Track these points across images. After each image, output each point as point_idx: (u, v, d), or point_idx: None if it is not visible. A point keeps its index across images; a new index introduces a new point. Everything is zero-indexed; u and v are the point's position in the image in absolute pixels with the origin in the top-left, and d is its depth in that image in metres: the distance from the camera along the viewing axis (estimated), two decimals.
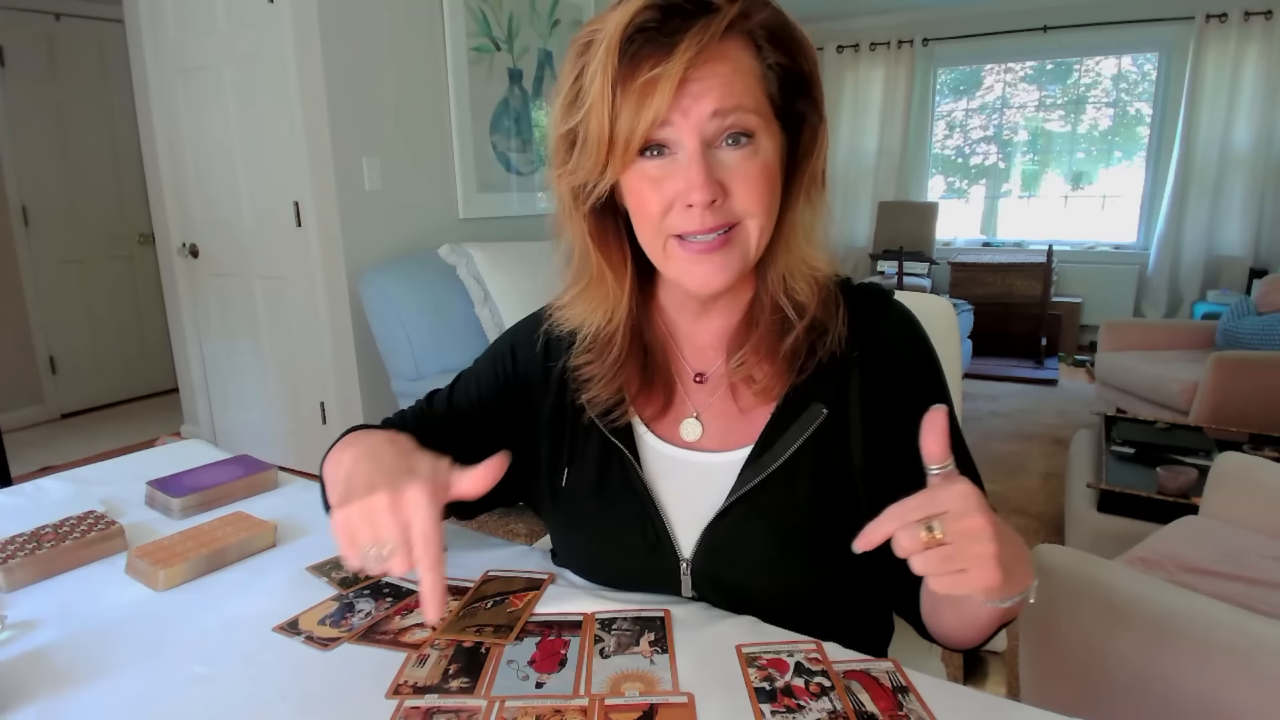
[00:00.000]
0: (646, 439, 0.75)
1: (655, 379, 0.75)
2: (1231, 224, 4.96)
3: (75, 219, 4.04)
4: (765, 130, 0.63)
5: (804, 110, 0.66)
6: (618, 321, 0.73)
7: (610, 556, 0.76)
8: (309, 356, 3.00)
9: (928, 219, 5.49)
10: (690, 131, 0.60)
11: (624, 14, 0.59)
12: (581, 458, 0.76)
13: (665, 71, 0.58)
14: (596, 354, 0.74)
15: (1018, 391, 4.32)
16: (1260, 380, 2.58)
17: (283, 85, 2.76)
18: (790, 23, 0.64)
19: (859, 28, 5.80)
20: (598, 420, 0.74)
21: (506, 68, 3.36)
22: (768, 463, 0.68)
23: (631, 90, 0.59)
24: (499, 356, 0.83)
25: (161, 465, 1.10)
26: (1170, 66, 5.08)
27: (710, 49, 0.59)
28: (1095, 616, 1.07)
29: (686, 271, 0.65)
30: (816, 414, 0.69)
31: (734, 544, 0.69)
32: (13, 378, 3.82)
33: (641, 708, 0.57)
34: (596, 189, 0.65)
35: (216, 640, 0.69)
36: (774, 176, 0.64)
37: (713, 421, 0.74)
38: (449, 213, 3.20)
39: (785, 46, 0.63)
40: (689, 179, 0.61)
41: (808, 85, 0.66)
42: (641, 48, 0.59)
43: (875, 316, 0.72)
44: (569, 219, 0.69)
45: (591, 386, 0.74)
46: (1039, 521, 2.59)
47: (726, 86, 0.60)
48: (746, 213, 0.63)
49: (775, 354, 0.70)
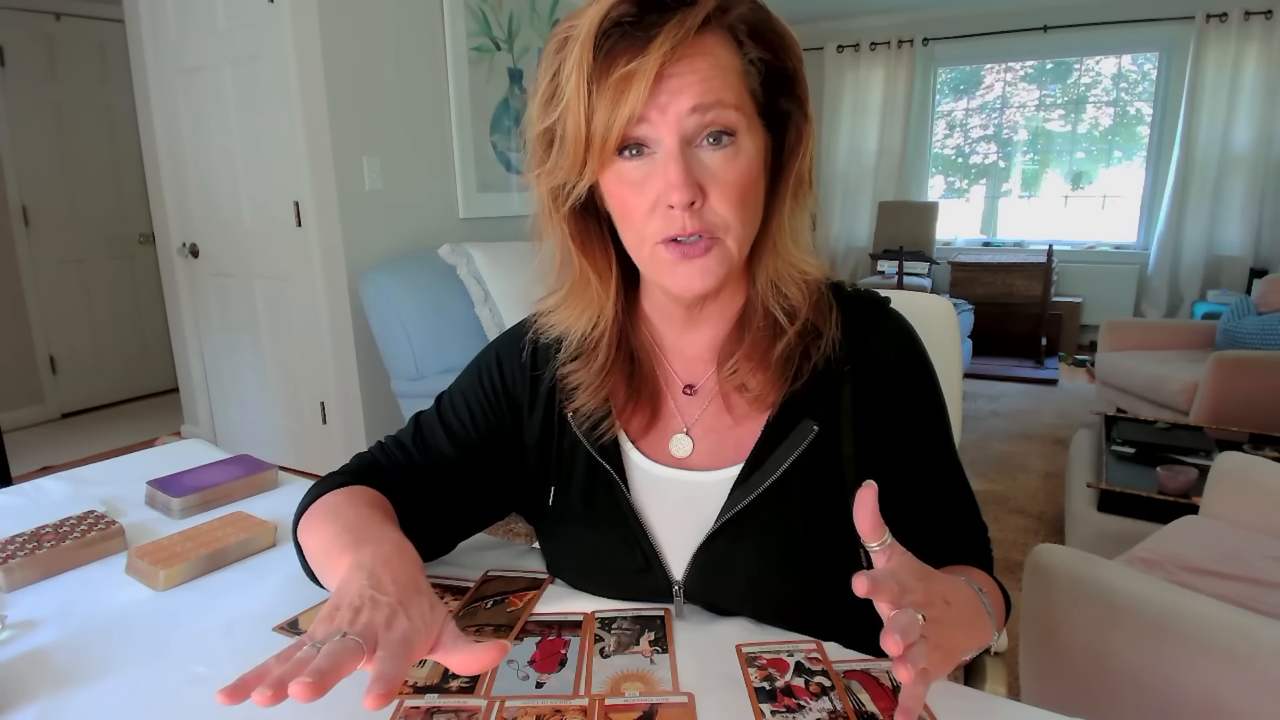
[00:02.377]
0: (634, 458, 0.73)
1: (642, 389, 0.73)
2: (1231, 224, 4.96)
3: (75, 219, 4.04)
4: (747, 129, 0.61)
5: (788, 108, 0.64)
6: (604, 326, 0.71)
7: (600, 578, 0.74)
8: (309, 356, 3.00)
9: (928, 219, 5.49)
10: (669, 129, 0.58)
11: (599, 9, 0.57)
12: (569, 478, 0.74)
13: (640, 67, 0.56)
14: (583, 361, 0.72)
15: (1018, 391, 4.32)
16: (1260, 380, 2.58)
17: (283, 85, 2.76)
18: (772, 17, 0.62)
19: (859, 28, 5.80)
20: (584, 437, 0.72)
21: (506, 68, 3.36)
22: (758, 482, 0.67)
23: (607, 86, 0.57)
24: (485, 369, 0.79)
25: (161, 465, 1.10)
26: (1170, 66, 5.08)
27: (688, 43, 0.57)
28: (1095, 616, 1.07)
29: (670, 274, 0.63)
30: (807, 431, 0.67)
31: (725, 565, 0.68)
32: (13, 378, 3.82)
33: (641, 708, 0.57)
34: (575, 189, 0.63)
35: (216, 640, 0.69)
36: (755, 180, 0.63)
37: (703, 437, 0.72)
38: (449, 213, 3.20)
39: (767, 41, 0.62)
40: (667, 178, 0.59)
41: (791, 82, 0.64)
42: (617, 43, 0.57)
43: (869, 327, 0.71)
44: (549, 220, 0.67)
45: (578, 395, 0.72)
46: (1039, 521, 2.59)
47: (705, 82, 0.58)
48: (724, 224, 0.61)
49: (768, 360, 0.68)
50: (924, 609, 0.48)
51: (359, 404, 2.91)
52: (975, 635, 0.57)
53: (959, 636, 0.53)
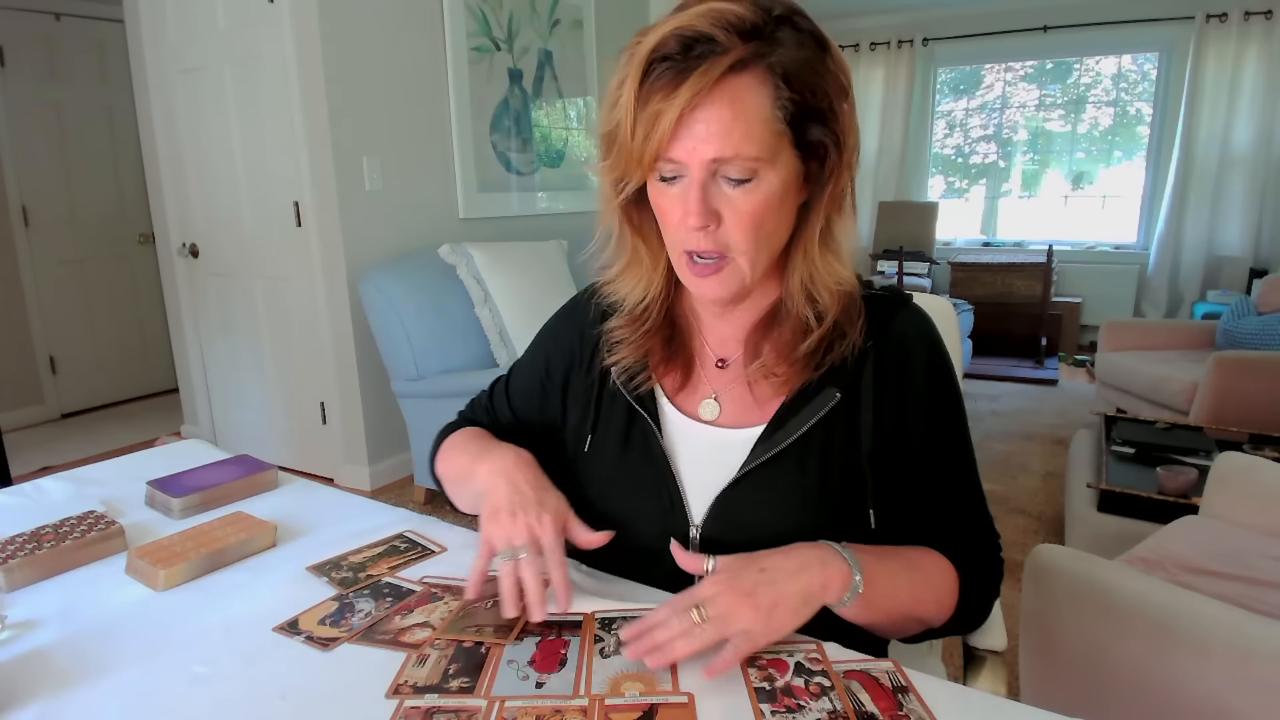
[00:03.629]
0: (667, 410, 0.79)
1: (678, 353, 0.80)
2: (1231, 224, 4.96)
3: (75, 219, 4.04)
4: (770, 165, 0.65)
5: (822, 139, 0.67)
6: (652, 297, 0.79)
7: (623, 517, 0.78)
8: (309, 356, 3.00)
9: (928, 219, 5.49)
10: (694, 163, 0.65)
11: (654, 38, 0.63)
12: (606, 425, 0.81)
13: (667, 108, 0.62)
14: (629, 320, 0.81)
15: (1018, 391, 4.32)
16: (1260, 380, 2.57)
17: (283, 85, 2.76)
18: (814, 60, 0.65)
19: (859, 28, 5.81)
20: (622, 387, 0.79)
21: (506, 68, 3.36)
22: (780, 439, 0.72)
23: (645, 115, 0.64)
24: (543, 339, 0.91)
25: (161, 465, 1.10)
26: (1170, 66, 5.08)
27: (717, 87, 0.62)
28: (1095, 616, 1.07)
29: (690, 281, 0.73)
30: (830, 397, 0.72)
31: (742, 514, 0.73)
32: (13, 378, 3.82)
33: (641, 708, 0.57)
34: (629, 186, 0.71)
35: (216, 640, 0.69)
36: (773, 208, 0.67)
37: (730, 404, 0.78)
38: (449, 213, 3.20)
39: (800, 84, 0.64)
40: (686, 204, 0.67)
41: (824, 118, 0.67)
42: (661, 75, 0.63)
43: (892, 312, 0.76)
44: (609, 205, 0.75)
45: (620, 349, 0.80)
46: (1039, 521, 2.59)
47: (726, 135, 0.63)
48: (736, 247, 0.68)
49: (793, 355, 0.73)
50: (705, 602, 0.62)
51: (359, 404, 2.91)
52: (809, 580, 0.64)
53: (780, 590, 0.63)
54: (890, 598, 0.68)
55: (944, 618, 0.74)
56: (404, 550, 0.86)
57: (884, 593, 0.67)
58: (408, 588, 0.77)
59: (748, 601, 0.62)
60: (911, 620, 0.72)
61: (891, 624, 0.71)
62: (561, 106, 3.69)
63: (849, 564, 0.66)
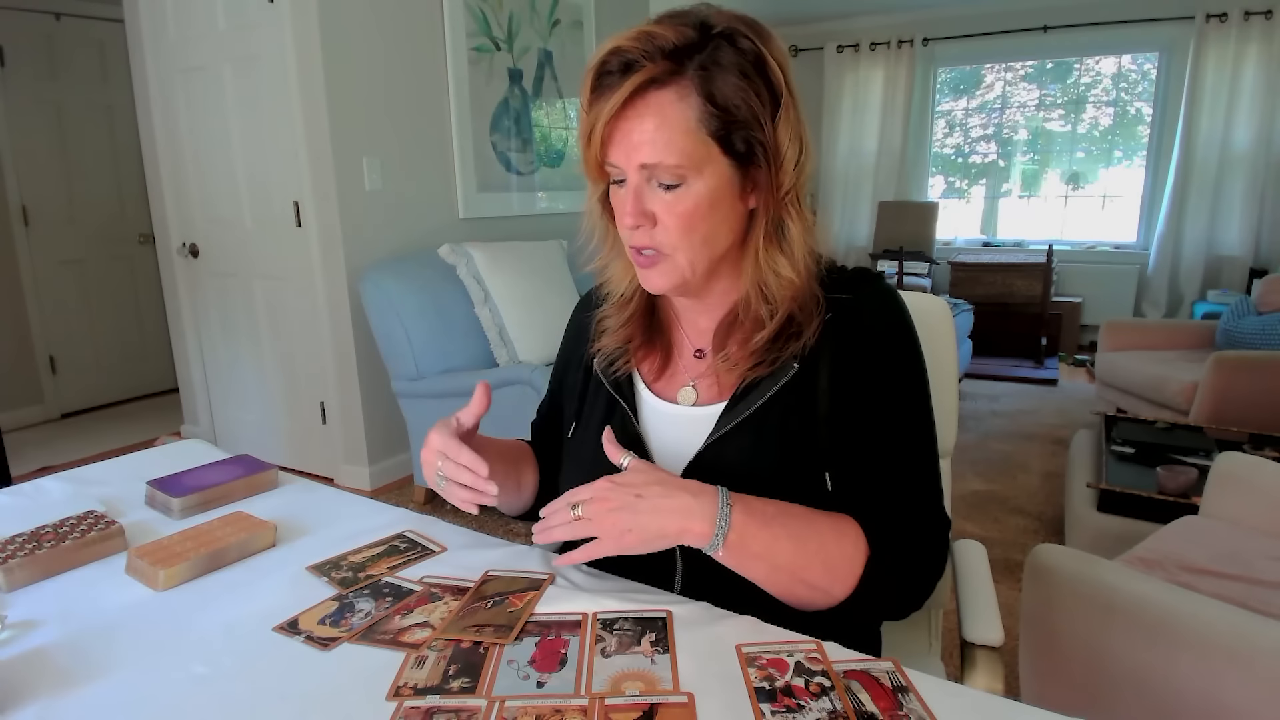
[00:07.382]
0: (645, 396, 0.85)
1: (657, 341, 0.86)
2: (1231, 224, 4.96)
3: (75, 219, 4.04)
4: (697, 172, 0.70)
5: (751, 150, 0.71)
6: (634, 285, 0.85)
7: None
8: (309, 356, 3.00)
9: (928, 219, 5.49)
10: (630, 169, 0.71)
11: (600, 52, 0.70)
12: (590, 413, 0.87)
13: (600, 116, 0.70)
14: (617, 309, 0.86)
15: (1018, 391, 4.32)
16: (1260, 380, 2.57)
17: (283, 85, 2.76)
18: (735, 77, 0.68)
19: (859, 28, 5.81)
20: (602, 375, 0.85)
21: (506, 68, 3.36)
22: (741, 410, 0.77)
23: (587, 122, 0.72)
24: (567, 330, 0.98)
25: (161, 465, 1.10)
26: (1170, 66, 5.08)
27: (641, 100, 0.69)
28: (1095, 616, 1.07)
29: (640, 274, 0.79)
30: (788, 369, 0.77)
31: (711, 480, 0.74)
32: (13, 378, 3.82)
33: (642, 707, 0.57)
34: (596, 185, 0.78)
35: (216, 640, 0.69)
36: (705, 211, 0.72)
37: (705, 391, 0.84)
38: (449, 213, 3.20)
39: (723, 99, 0.69)
40: (621, 205, 0.73)
41: (751, 131, 0.71)
42: (602, 90, 0.70)
43: (855, 286, 0.80)
44: (590, 201, 0.82)
45: (604, 337, 0.86)
46: (1039, 521, 2.58)
47: (650, 145, 0.69)
48: (671, 245, 0.74)
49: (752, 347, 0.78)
50: (584, 503, 0.69)
51: (359, 404, 2.91)
52: (668, 523, 0.69)
53: (639, 520, 0.68)
54: (763, 558, 0.70)
55: (843, 590, 0.71)
56: (404, 550, 0.86)
57: (755, 552, 0.70)
58: (408, 588, 0.77)
59: (610, 517, 0.69)
60: (799, 584, 0.71)
61: (775, 585, 0.72)
62: (561, 106, 3.69)
63: (719, 521, 0.68)
